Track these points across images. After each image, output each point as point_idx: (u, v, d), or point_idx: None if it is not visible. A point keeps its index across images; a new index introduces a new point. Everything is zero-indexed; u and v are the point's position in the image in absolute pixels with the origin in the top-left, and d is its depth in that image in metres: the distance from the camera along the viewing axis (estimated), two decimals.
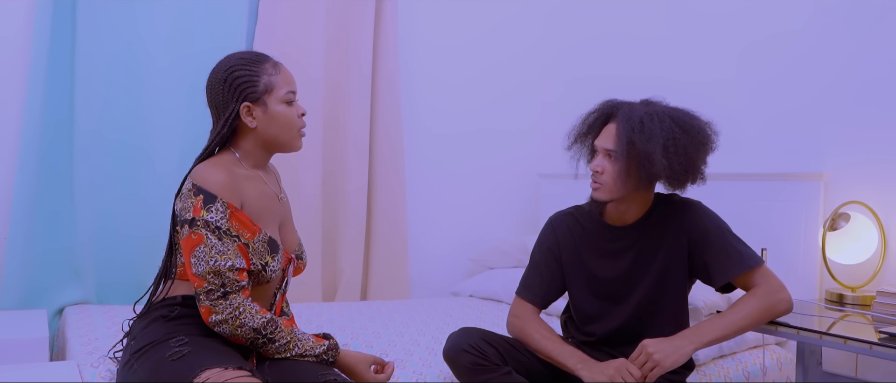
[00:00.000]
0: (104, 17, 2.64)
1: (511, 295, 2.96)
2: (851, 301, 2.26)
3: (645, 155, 1.65)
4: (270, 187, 1.62)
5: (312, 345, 1.53)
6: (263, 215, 1.55)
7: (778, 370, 2.47)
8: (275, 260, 1.53)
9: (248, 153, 1.59)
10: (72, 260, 2.62)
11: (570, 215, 1.91)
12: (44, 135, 2.55)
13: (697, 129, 1.70)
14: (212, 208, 1.44)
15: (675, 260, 1.77)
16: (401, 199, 3.30)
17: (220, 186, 1.46)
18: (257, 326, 1.46)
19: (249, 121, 1.55)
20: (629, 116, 1.69)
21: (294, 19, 3.04)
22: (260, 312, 1.47)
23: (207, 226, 1.43)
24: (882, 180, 2.39)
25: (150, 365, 1.41)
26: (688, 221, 1.77)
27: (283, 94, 1.57)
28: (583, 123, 1.83)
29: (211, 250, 1.42)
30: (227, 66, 1.56)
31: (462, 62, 3.60)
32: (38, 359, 2.09)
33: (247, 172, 1.56)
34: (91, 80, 2.62)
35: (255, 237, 1.49)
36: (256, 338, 1.47)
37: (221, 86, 1.55)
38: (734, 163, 2.83)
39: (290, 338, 1.51)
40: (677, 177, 1.69)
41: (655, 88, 1.96)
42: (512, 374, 1.70)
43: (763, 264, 1.73)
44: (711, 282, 1.77)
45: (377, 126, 3.28)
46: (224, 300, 1.43)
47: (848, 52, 2.51)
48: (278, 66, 1.60)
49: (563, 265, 1.88)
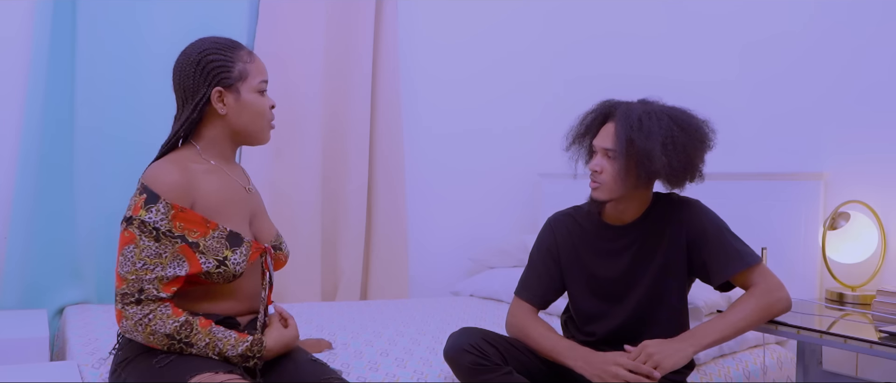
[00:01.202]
0: (104, 16, 2.63)
1: (511, 294, 2.93)
2: (851, 300, 2.26)
3: (644, 153, 1.65)
4: (235, 180, 1.57)
5: (234, 343, 1.43)
6: (226, 209, 1.50)
7: (778, 369, 2.47)
8: (237, 253, 1.46)
9: (213, 143, 1.54)
10: (72, 259, 2.62)
11: (568, 216, 1.91)
12: (44, 134, 2.55)
13: (695, 127, 1.70)
14: (152, 209, 1.40)
15: (674, 258, 1.77)
16: (401, 199, 3.30)
17: (168, 187, 1.41)
18: (170, 331, 1.38)
19: (220, 107, 1.50)
20: (627, 115, 1.69)
21: (294, 18, 3.04)
22: (173, 316, 1.39)
23: (143, 227, 1.39)
24: (882, 179, 2.40)
25: (138, 375, 1.40)
26: (686, 220, 1.77)
27: (257, 83, 1.53)
28: (580, 124, 1.84)
29: (141, 252, 1.38)
30: (201, 49, 1.51)
31: (462, 61, 3.60)
32: (38, 359, 2.09)
33: (206, 167, 1.51)
34: (91, 78, 2.61)
35: (208, 234, 1.44)
36: (172, 344, 1.39)
37: (193, 68, 1.49)
38: (735, 162, 2.83)
39: (209, 339, 1.41)
40: (676, 175, 1.69)
41: (656, 88, 1.96)
42: (513, 374, 1.70)
43: (761, 262, 1.73)
44: (710, 280, 1.77)
45: (377, 125, 3.28)
46: (136, 305, 1.37)
47: (848, 52, 2.51)
48: (253, 54, 1.56)
49: (562, 265, 1.88)
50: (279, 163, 3.03)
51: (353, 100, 3.19)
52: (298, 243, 3.02)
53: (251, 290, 1.56)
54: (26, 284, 2.53)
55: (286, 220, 3.01)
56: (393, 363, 1.98)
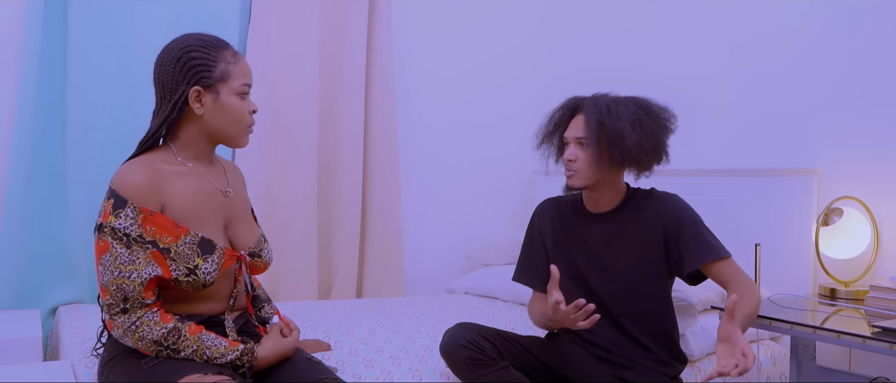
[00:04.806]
0: (96, 9, 2.61)
1: (506, 291, 2.97)
2: (844, 295, 2.27)
3: (616, 133, 1.74)
4: (211, 183, 1.51)
5: (224, 351, 1.40)
6: (197, 214, 1.45)
7: (772, 364, 2.48)
8: (208, 261, 1.42)
9: (189, 143, 1.49)
10: (65, 259, 2.61)
11: (554, 201, 2.01)
12: (36, 130, 2.53)
13: (658, 111, 1.81)
14: (121, 214, 1.36)
15: (651, 248, 1.81)
16: (396, 196, 3.29)
17: (135, 190, 1.37)
18: (158, 338, 1.36)
19: (197, 107, 1.46)
20: (596, 103, 1.80)
21: (288, 15, 3.03)
22: (161, 323, 1.37)
23: (114, 234, 1.36)
24: (875, 175, 2.41)
25: (126, 375, 1.39)
26: (664, 210, 1.82)
27: (238, 85, 1.48)
28: (549, 121, 1.93)
29: (116, 260, 1.35)
30: (184, 45, 1.46)
31: (457, 57, 3.60)
32: (31, 359, 2.08)
33: (178, 169, 1.47)
34: (84, 71, 2.59)
35: (179, 240, 1.40)
36: (160, 350, 1.37)
37: (174, 64, 1.45)
38: (728, 158, 2.84)
39: (198, 346, 1.38)
40: (646, 155, 1.76)
41: (648, 83, 1.98)
42: (509, 369, 1.71)
43: (730, 257, 1.78)
44: (682, 269, 1.81)
45: (372, 122, 3.27)
46: (123, 315, 1.36)
47: (842, 48, 2.52)
48: (238, 55, 1.51)
49: (547, 248, 1.95)
50: (273, 161, 3.02)
51: (346, 97, 3.18)
52: (293, 241, 3.02)
53: (217, 297, 1.52)
54: (19, 284, 2.52)
55: (281, 219, 3.00)
56: (388, 360, 1.98)
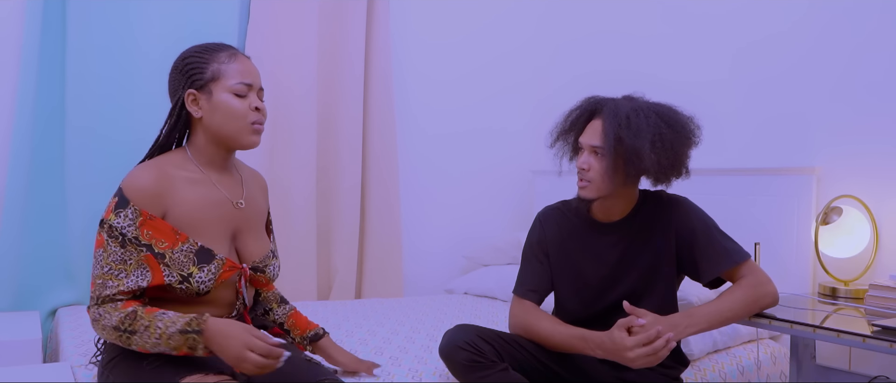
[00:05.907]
0: (95, 13, 2.62)
1: (506, 292, 2.96)
2: (844, 294, 2.27)
3: (633, 151, 1.64)
4: (222, 192, 1.49)
5: (173, 319, 1.33)
6: (202, 222, 1.43)
7: (772, 364, 2.48)
8: (204, 270, 1.40)
9: (200, 148, 1.48)
10: (64, 261, 2.61)
11: (557, 210, 1.92)
12: (35, 134, 2.53)
13: (682, 124, 1.70)
14: (121, 213, 1.36)
15: (663, 256, 1.77)
16: (394, 197, 3.29)
17: (139, 192, 1.37)
18: (115, 323, 1.33)
19: (194, 110, 1.45)
20: (615, 113, 1.68)
21: (286, 18, 3.03)
22: (120, 309, 1.34)
23: (111, 231, 1.36)
24: (874, 174, 2.41)
25: (128, 376, 1.38)
26: (675, 218, 1.77)
27: (233, 83, 1.45)
28: (565, 120, 1.83)
29: (108, 257, 1.36)
30: (184, 53, 1.49)
31: (455, 59, 3.60)
32: (31, 361, 2.08)
33: (190, 175, 1.45)
34: (83, 75, 2.59)
35: (176, 246, 1.38)
36: (120, 336, 1.34)
37: (174, 73, 1.48)
38: (727, 158, 2.84)
39: (151, 321, 1.33)
40: (664, 173, 1.69)
41: (648, 85, 1.96)
42: (508, 371, 1.70)
43: (750, 258, 1.74)
44: (699, 277, 1.77)
45: (370, 124, 3.27)
46: (97, 306, 1.36)
47: (841, 48, 2.52)
48: (236, 55, 1.49)
49: (551, 259, 1.87)
50: (273, 162, 3.03)
51: (345, 99, 3.18)
52: (292, 242, 3.02)
53: (232, 300, 1.51)
54: (19, 286, 2.52)
55: (280, 220, 3.00)
56: (388, 361, 1.97)
